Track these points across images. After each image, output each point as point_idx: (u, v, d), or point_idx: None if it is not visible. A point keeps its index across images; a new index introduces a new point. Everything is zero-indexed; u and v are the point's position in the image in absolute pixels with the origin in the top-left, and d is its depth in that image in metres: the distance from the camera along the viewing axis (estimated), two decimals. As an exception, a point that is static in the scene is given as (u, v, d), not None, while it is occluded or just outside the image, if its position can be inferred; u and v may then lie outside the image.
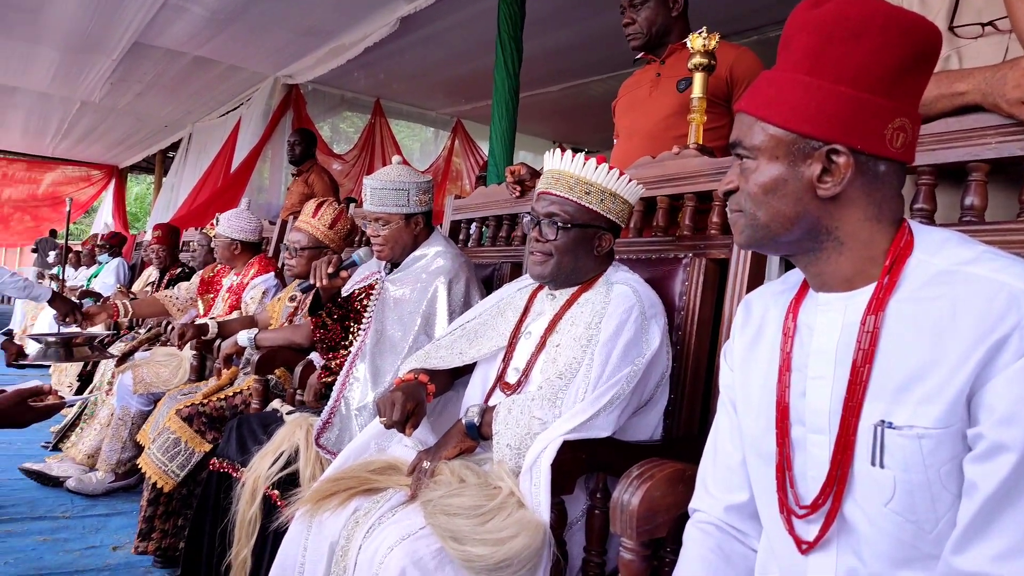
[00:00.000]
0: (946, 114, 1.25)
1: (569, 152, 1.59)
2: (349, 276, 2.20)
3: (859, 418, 0.87)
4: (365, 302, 2.19)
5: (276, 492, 1.82)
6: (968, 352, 0.78)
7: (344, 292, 2.27)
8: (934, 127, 1.26)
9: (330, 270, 2.11)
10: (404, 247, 2.16)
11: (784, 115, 0.89)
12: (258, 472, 1.86)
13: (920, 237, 0.90)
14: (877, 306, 0.87)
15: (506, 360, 1.68)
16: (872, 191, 0.89)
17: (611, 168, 1.58)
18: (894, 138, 0.87)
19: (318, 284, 2.12)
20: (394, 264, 2.21)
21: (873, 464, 0.85)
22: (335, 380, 2.05)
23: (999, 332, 0.77)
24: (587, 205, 1.57)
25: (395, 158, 2.26)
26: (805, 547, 0.93)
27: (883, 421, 0.84)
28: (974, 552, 0.77)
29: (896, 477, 0.83)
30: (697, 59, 1.82)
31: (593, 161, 1.57)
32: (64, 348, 2.98)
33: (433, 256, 2.13)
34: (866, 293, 0.90)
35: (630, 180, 1.60)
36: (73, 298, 5.96)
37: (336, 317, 2.22)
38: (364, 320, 2.13)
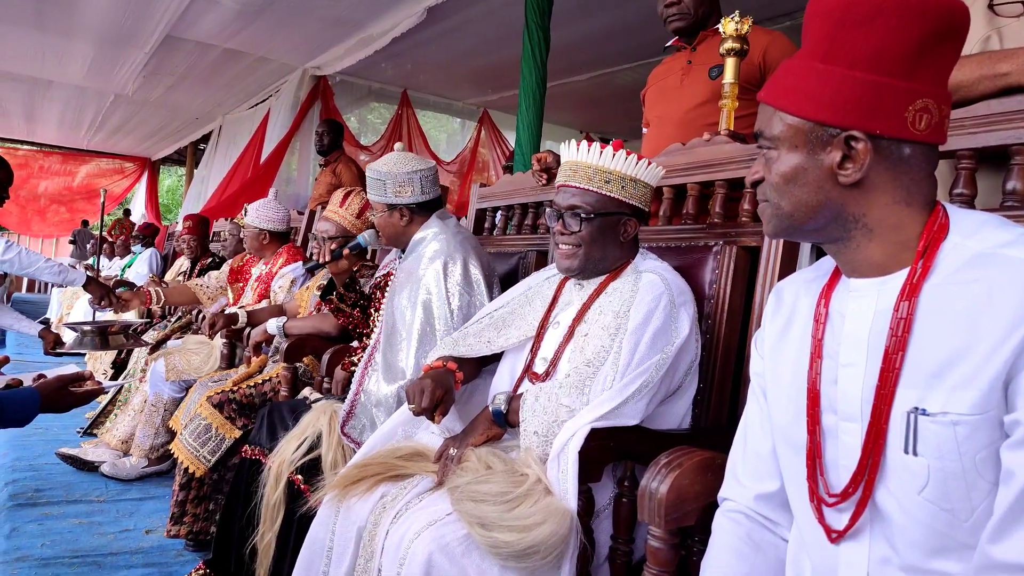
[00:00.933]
0: (988, 96, 1.22)
1: (584, 142, 1.58)
2: (359, 257, 2.22)
3: (892, 405, 0.85)
4: (385, 290, 2.20)
5: (299, 477, 1.84)
6: (1005, 336, 0.76)
7: (372, 280, 2.29)
8: (975, 109, 1.23)
9: (333, 247, 2.13)
10: (394, 236, 2.17)
11: (800, 104, 0.88)
12: (283, 457, 1.89)
13: (955, 220, 0.87)
14: (910, 292, 0.85)
15: (534, 350, 1.67)
16: (899, 175, 0.87)
17: (639, 157, 1.57)
18: (916, 120, 0.84)
19: (321, 260, 2.15)
20: (405, 251, 2.22)
21: (906, 452, 0.83)
22: (358, 369, 2.07)
23: None
24: (608, 193, 1.56)
25: (397, 145, 2.24)
26: (835, 536, 0.92)
27: (916, 408, 0.82)
28: (1012, 541, 0.75)
29: (930, 465, 0.82)
30: (729, 44, 1.78)
31: (610, 149, 1.55)
32: (99, 336, 3.04)
33: (429, 240, 2.10)
34: (899, 278, 0.87)
35: (649, 163, 1.58)
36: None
37: (350, 303, 2.23)
38: (382, 309, 2.14)
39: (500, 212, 2.74)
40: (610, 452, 1.38)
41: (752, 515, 1.08)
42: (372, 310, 2.26)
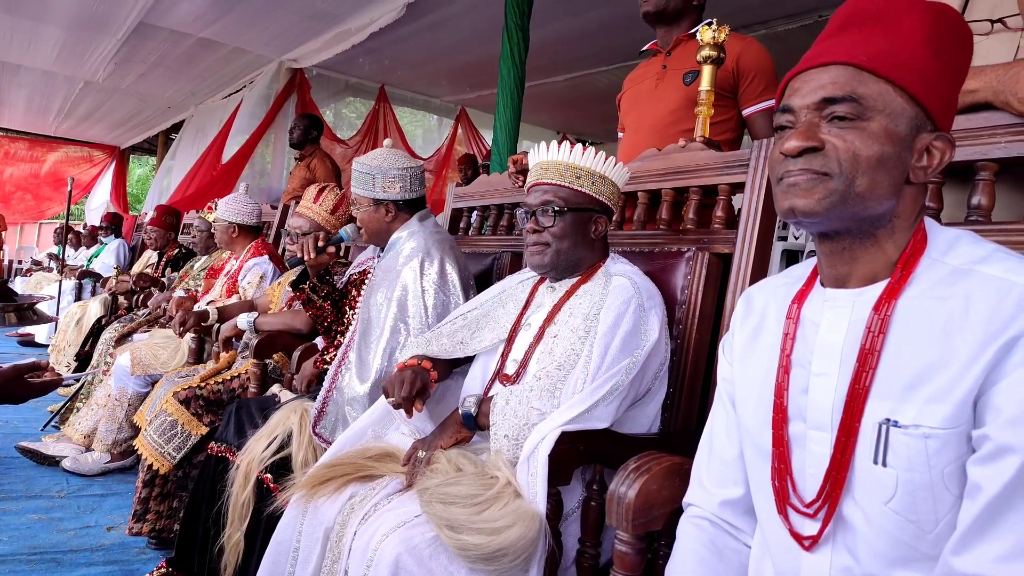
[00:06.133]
0: (956, 112, 1.24)
1: (554, 142, 1.62)
2: (336, 252, 2.20)
3: (862, 416, 0.86)
4: (361, 287, 2.18)
5: (269, 476, 1.82)
6: (978, 352, 0.77)
7: (346, 276, 2.27)
8: (944, 125, 1.25)
9: (320, 243, 2.12)
10: (378, 232, 2.15)
11: (918, 85, 0.84)
12: (252, 455, 1.86)
13: (932, 235, 0.89)
14: (887, 305, 0.86)
15: (505, 352, 1.68)
16: (922, 187, 0.89)
17: (606, 156, 1.60)
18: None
19: (305, 258, 2.13)
20: (384, 249, 2.20)
21: (875, 462, 0.84)
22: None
23: (1010, 333, 0.76)
24: (580, 188, 1.59)
25: (386, 141, 2.26)
26: (808, 543, 0.92)
27: (888, 420, 0.83)
28: (975, 553, 0.76)
29: (899, 476, 0.83)
30: (706, 51, 1.80)
31: (579, 147, 1.60)
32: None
33: (406, 238, 2.10)
34: (876, 290, 0.89)
35: (616, 163, 1.62)
36: (72, 277, 5.94)
37: (323, 294, 2.21)
38: (357, 306, 2.12)
39: (476, 212, 2.73)
40: (580, 455, 1.38)
41: (716, 521, 1.09)
42: (347, 307, 2.24)
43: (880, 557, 0.86)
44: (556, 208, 1.58)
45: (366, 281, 2.16)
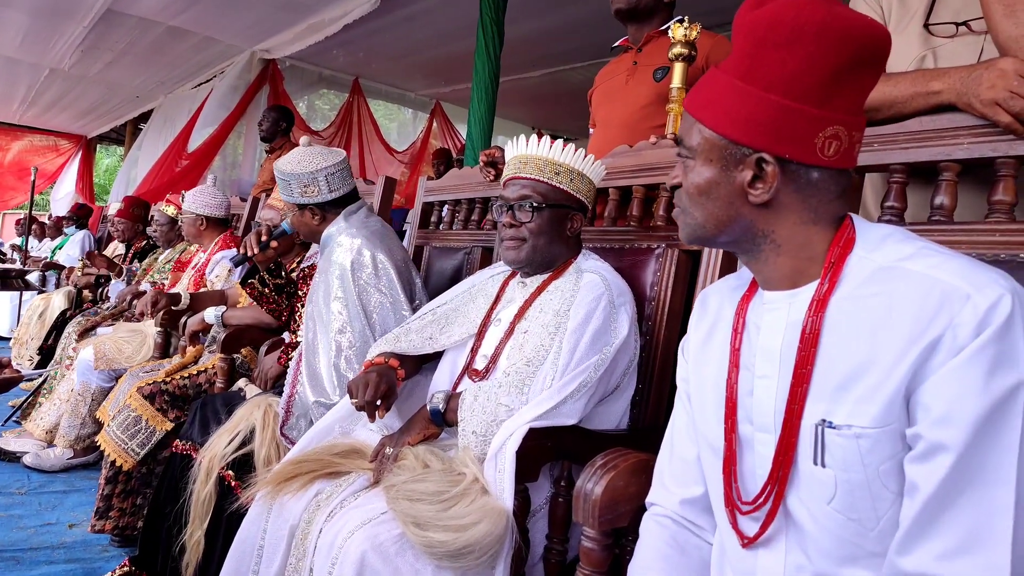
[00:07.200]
0: (921, 112, 1.25)
1: (534, 137, 1.61)
2: (280, 246, 2.16)
3: (802, 418, 0.87)
4: (310, 282, 2.15)
5: (231, 473, 1.79)
6: (903, 351, 0.78)
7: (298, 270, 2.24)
8: (908, 125, 1.27)
9: (263, 239, 2.08)
10: (310, 234, 2.10)
11: (717, 119, 0.89)
12: (214, 452, 1.83)
13: (861, 233, 0.89)
14: (818, 307, 0.87)
15: (475, 347, 1.67)
16: (807, 197, 0.88)
17: (585, 153, 1.59)
18: (825, 147, 0.85)
19: (249, 254, 2.08)
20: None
21: (815, 463, 0.85)
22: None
23: (933, 332, 0.76)
24: (558, 185, 1.59)
25: (302, 139, 2.11)
26: (746, 542, 0.94)
27: (824, 420, 0.84)
28: (918, 552, 0.77)
29: (836, 476, 0.84)
30: (678, 49, 1.80)
31: (559, 143, 1.59)
32: None
33: (335, 236, 2.03)
34: (808, 291, 0.89)
35: (594, 160, 1.62)
36: (36, 268, 5.83)
37: (272, 286, 2.18)
38: (307, 304, 2.08)
39: (447, 206, 2.72)
40: (548, 452, 1.38)
41: (678, 519, 1.10)
42: (299, 304, 2.21)
43: (828, 555, 0.87)
44: (534, 204, 1.57)
45: (313, 278, 2.13)
